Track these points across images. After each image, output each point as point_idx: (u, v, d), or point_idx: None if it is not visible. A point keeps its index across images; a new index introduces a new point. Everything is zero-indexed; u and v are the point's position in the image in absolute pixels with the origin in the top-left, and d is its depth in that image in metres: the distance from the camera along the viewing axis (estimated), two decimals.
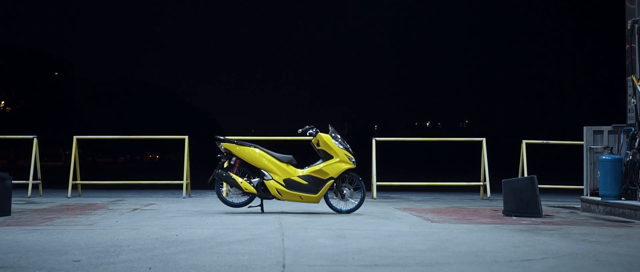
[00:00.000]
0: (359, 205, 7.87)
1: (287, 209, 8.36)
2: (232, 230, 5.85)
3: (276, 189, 7.64)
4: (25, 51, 48.42)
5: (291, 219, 6.92)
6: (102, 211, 7.97)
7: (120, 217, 7.18)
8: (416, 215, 7.73)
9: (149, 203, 9.51)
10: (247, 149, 7.73)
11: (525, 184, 7.78)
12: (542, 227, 6.44)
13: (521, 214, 7.68)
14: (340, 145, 7.78)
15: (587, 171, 8.96)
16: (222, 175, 7.66)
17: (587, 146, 8.98)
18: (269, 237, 5.39)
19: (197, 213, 7.72)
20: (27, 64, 47.60)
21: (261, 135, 12.27)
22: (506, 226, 6.51)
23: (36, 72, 48.16)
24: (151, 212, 7.82)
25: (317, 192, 7.68)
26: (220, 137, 7.87)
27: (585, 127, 9.07)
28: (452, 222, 6.91)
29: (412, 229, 6.14)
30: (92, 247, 4.73)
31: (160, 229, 5.88)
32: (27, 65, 47.53)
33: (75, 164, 11.40)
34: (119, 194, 12.67)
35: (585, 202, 8.79)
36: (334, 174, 7.69)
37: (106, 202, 9.60)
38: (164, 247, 4.74)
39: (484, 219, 7.29)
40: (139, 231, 5.78)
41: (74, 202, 9.79)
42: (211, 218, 7.03)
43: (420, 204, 9.88)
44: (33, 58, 48.25)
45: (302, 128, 7.93)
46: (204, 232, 5.70)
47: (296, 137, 10.62)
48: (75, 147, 11.43)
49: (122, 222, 6.54)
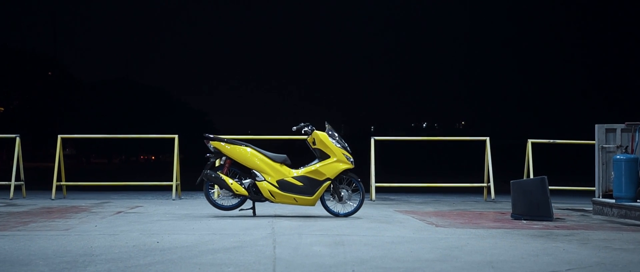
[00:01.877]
0: (357, 208, 7.35)
1: (281, 212, 7.84)
2: (219, 236, 5.33)
3: (269, 191, 7.11)
4: (19, 51, 47.81)
5: (285, 224, 6.41)
6: (83, 214, 7.45)
7: (101, 221, 6.66)
8: (419, 218, 7.22)
9: (136, 205, 8.99)
10: (237, 148, 7.20)
11: (535, 186, 7.28)
12: (557, 232, 5.94)
13: (531, 218, 7.18)
14: (338, 144, 7.26)
15: (599, 171, 8.43)
16: (210, 176, 7.13)
17: (599, 144, 8.44)
18: (259, 244, 4.87)
19: (184, 216, 7.20)
20: (21, 64, 46.98)
21: (258, 135, 11.64)
22: (518, 231, 6.00)
23: (30, 72, 47.50)
24: (135, 216, 7.30)
25: (313, 194, 7.15)
26: (210, 136, 7.33)
27: (597, 125, 8.53)
28: (458, 226, 6.40)
29: (416, 234, 5.63)
30: (60, 257, 4.21)
31: (140, 235, 5.36)
32: (20, 66, 46.90)
33: (60, 164, 10.86)
34: (106, 195, 12.14)
35: (597, 204, 8.28)
36: (331, 175, 7.16)
37: (90, 205, 9.07)
38: (141, 257, 4.22)
39: (492, 223, 6.78)
40: (116, 237, 5.26)
41: (56, 204, 9.26)
42: (198, 222, 6.51)
43: (422, 206, 9.37)
44: (26, 58, 47.62)
45: (297, 125, 7.40)
46: (188, 238, 5.18)
47: (291, 136, 10.11)
48: (60, 147, 10.88)
49: (101, 227, 6.02)
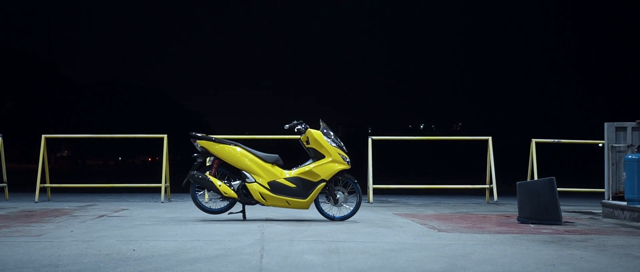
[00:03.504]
0: (354, 211, 6.91)
1: (273, 215, 7.40)
2: (202, 243, 4.88)
3: (260, 193, 6.66)
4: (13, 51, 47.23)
5: (276, 229, 5.96)
6: (63, 218, 6.99)
7: (80, 225, 6.21)
8: (419, 222, 6.78)
9: (121, 208, 8.54)
10: (226, 148, 6.75)
11: (543, 187, 6.84)
12: (569, 238, 5.50)
13: (539, 222, 6.75)
14: (333, 143, 6.81)
15: (609, 172, 7.99)
16: (197, 177, 6.67)
17: (609, 143, 8.01)
18: (245, 252, 4.43)
19: (170, 221, 6.74)
20: (15, 64, 46.39)
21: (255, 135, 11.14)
22: (527, 236, 5.56)
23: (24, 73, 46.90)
24: (118, 220, 6.85)
25: (307, 197, 6.70)
26: (197, 134, 6.87)
27: (607, 123, 8.10)
28: (462, 231, 5.96)
29: (417, 240, 5.19)
30: (20, 268, 3.76)
31: (116, 242, 4.91)
32: (14, 66, 46.32)
33: (44, 165, 10.40)
34: (94, 198, 11.69)
35: (607, 206, 7.85)
36: (326, 176, 6.72)
37: (74, 208, 8.62)
38: (110, 268, 3.78)
39: (498, 228, 6.34)
40: (90, 244, 4.81)
41: (38, 207, 8.81)
42: (182, 227, 6.05)
43: (422, 209, 8.93)
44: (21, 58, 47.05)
45: (290, 123, 6.95)
46: (168, 245, 4.73)
47: (283, 136, 9.67)
48: (44, 147, 10.40)
49: (77, 233, 5.57)
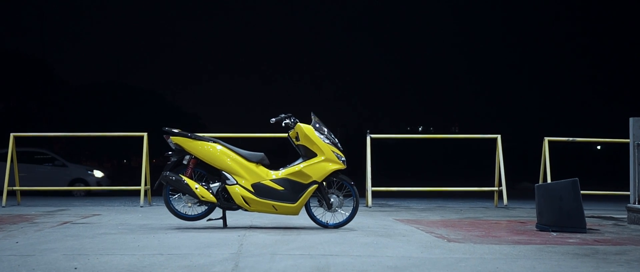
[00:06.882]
0: (350, 217, 6.06)
1: (259, 222, 6.55)
2: (164, 258, 4.02)
3: (242, 197, 5.80)
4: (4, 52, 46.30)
5: (258, 239, 5.10)
6: (19, 226, 6.14)
7: (33, 234, 5.36)
8: (425, 230, 5.93)
9: (93, 214, 7.70)
10: (204, 145, 5.89)
11: (565, 190, 6.01)
12: (603, 250, 4.66)
13: (561, 229, 5.92)
14: (326, 139, 5.96)
15: (635, 173, 7.15)
16: (170, 179, 5.81)
17: (635, 141, 7.16)
18: (213, 271, 3.57)
19: (139, 229, 5.88)
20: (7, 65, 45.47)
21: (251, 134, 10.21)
22: (553, 248, 4.72)
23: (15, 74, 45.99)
24: (80, 228, 5.99)
25: (296, 201, 5.85)
26: (172, 130, 6.00)
27: (632, 118, 7.25)
28: (475, 241, 5.11)
29: (425, 253, 4.34)
30: None
31: (61, 256, 4.05)
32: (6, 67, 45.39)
33: (13, 167, 9.55)
34: (68, 202, 10.87)
35: (633, 211, 7.01)
36: (318, 177, 5.87)
37: (39, 214, 7.77)
38: None
39: (516, 237, 5.50)
40: (27, 259, 3.95)
41: (2, 213, 7.97)
42: (149, 237, 5.18)
43: (426, 214, 8.09)
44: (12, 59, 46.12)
45: (277, 117, 6.09)
46: (121, 262, 3.86)
47: (270, 134, 8.84)
48: (12, 146, 9.54)
49: (23, 244, 4.71)
